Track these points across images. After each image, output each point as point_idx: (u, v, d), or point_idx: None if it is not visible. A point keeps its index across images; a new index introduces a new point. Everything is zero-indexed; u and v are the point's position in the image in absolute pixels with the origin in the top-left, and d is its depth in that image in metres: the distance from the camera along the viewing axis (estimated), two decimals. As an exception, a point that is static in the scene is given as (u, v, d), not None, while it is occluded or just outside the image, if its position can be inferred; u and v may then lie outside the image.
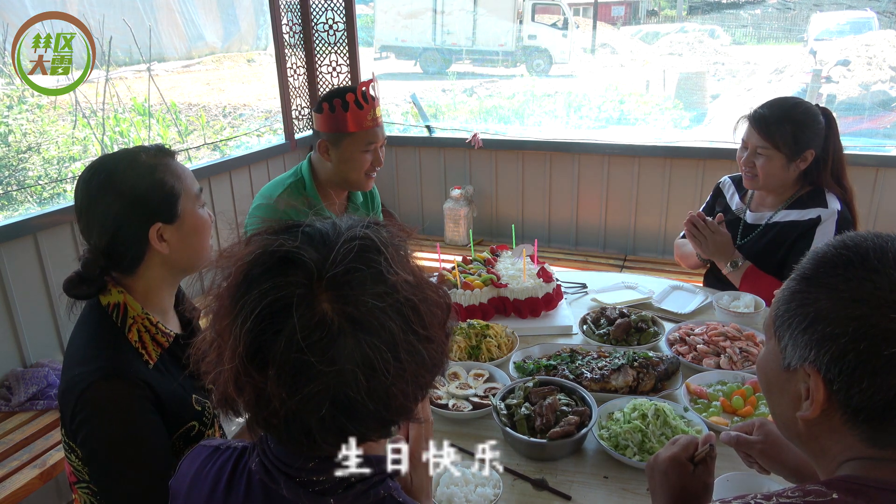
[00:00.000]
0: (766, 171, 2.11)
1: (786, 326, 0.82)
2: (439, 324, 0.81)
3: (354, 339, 0.72)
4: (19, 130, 4.23)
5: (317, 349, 0.71)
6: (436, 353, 0.80)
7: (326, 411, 0.72)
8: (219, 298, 0.78)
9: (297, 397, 0.72)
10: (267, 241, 0.78)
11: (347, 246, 0.75)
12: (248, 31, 6.68)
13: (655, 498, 1.13)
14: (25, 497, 2.15)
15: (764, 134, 2.08)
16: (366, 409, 0.73)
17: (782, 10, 9.22)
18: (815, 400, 0.78)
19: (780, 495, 0.77)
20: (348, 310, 0.72)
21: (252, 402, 0.75)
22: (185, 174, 1.36)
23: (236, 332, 0.73)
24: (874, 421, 0.76)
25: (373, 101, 2.14)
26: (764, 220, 2.23)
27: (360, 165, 2.18)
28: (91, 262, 1.29)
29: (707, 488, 1.11)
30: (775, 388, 0.87)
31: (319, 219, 0.83)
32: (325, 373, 0.71)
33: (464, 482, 1.29)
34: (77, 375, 1.22)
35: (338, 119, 2.12)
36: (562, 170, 4.00)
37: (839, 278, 0.77)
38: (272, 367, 0.72)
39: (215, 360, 0.78)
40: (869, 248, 0.77)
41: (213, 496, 0.86)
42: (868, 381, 0.74)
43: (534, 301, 2.08)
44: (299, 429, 0.74)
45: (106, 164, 1.31)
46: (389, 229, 0.83)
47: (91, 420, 1.21)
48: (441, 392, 1.65)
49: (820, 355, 0.77)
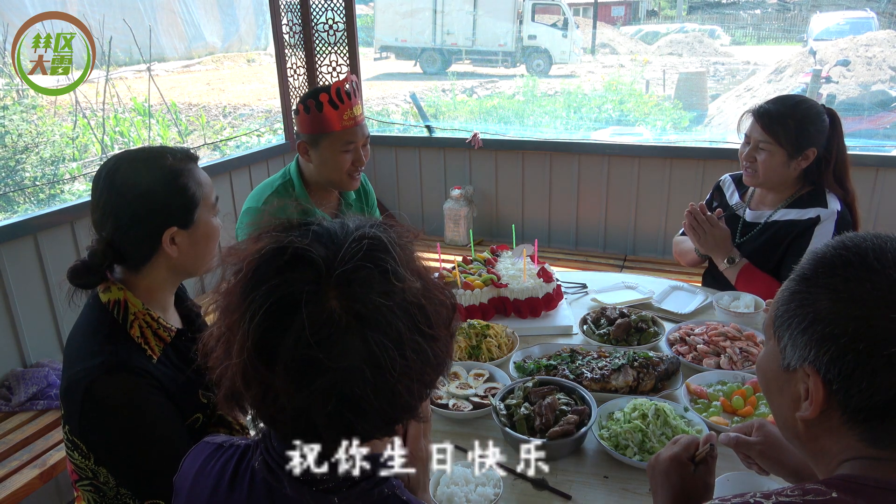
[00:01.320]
0: (766, 166, 2.10)
1: (785, 327, 0.82)
2: (444, 323, 0.82)
3: (362, 337, 0.72)
4: (16, 131, 4.23)
5: (324, 346, 0.71)
6: (441, 352, 0.80)
7: (333, 407, 0.72)
8: (228, 294, 0.79)
9: (304, 393, 0.72)
10: (277, 237, 0.78)
11: (356, 244, 0.76)
12: (248, 31, 6.68)
13: (656, 498, 1.13)
14: (25, 497, 2.15)
15: (766, 128, 2.07)
16: (371, 406, 0.74)
17: (782, 10, 9.22)
18: (815, 400, 0.78)
19: (780, 494, 0.77)
20: (356, 307, 0.73)
21: (259, 398, 0.75)
22: (205, 182, 1.37)
23: (245, 326, 0.74)
24: (873, 421, 0.76)
25: (350, 100, 2.09)
26: (763, 218, 2.23)
27: (341, 165, 2.14)
28: (98, 254, 1.29)
29: (708, 488, 1.11)
30: (775, 388, 0.87)
31: (326, 219, 0.84)
32: (333, 369, 0.71)
33: (464, 482, 1.29)
34: (79, 372, 1.22)
35: (313, 120, 2.09)
36: (562, 170, 4.01)
37: (838, 279, 0.77)
38: (280, 363, 0.72)
39: (223, 355, 0.79)
40: (868, 249, 0.77)
41: (216, 494, 0.85)
42: (867, 381, 0.74)
43: (534, 301, 2.08)
44: (305, 425, 0.75)
45: (132, 160, 1.32)
46: (397, 229, 0.83)
47: (102, 418, 1.21)
48: (441, 392, 1.65)
49: (819, 356, 0.77)
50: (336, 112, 2.07)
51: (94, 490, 1.32)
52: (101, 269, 1.30)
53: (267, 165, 3.99)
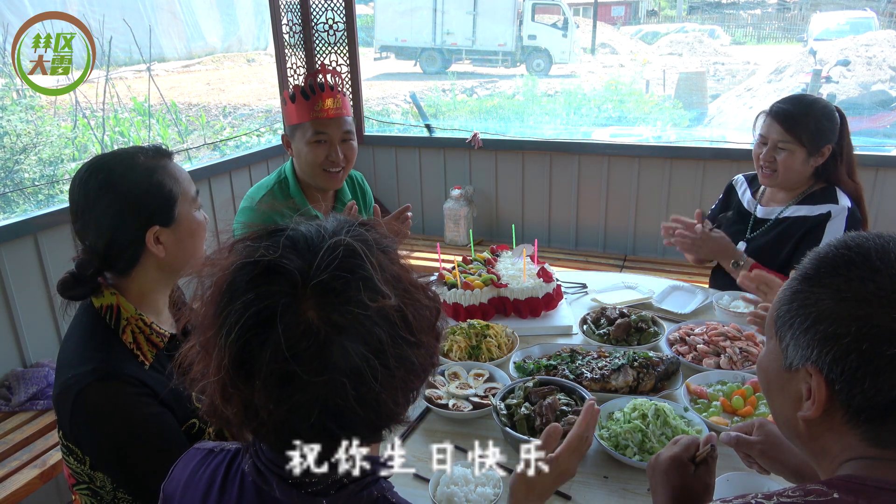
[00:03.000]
0: (786, 165, 2.13)
1: (787, 326, 0.81)
2: (428, 327, 0.80)
3: (341, 348, 0.71)
4: (14, 132, 4.23)
5: (303, 359, 0.70)
6: (424, 359, 0.79)
7: (315, 419, 0.72)
8: (202, 310, 0.77)
9: (285, 407, 0.71)
10: (249, 249, 0.76)
11: (332, 253, 0.74)
12: (248, 31, 6.68)
13: (656, 498, 1.13)
14: (25, 497, 2.15)
15: (787, 128, 2.11)
16: (356, 416, 0.73)
17: (782, 10, 9.22)
18: (817, 400, 0.78)
19: (781, 495, 0.77)
20: (334, 317, 0.71)
21: (240, 413, 0.75)
22: (182, 176, 1.35)
23: (221, 343, 0.72)
24: (876, 421, 0.76)
25: (325, 92, 2.02)
26: (774, 214, 2.24)
27: (313, 159, 2.08)
28: (86, 263, 1.28)
29: (708, 488, 1.11)
30: (776, 388, 0.87)
31: (304, 221, 0.81)
32: (313, 382, 0.70)
33: (464, 482, 1.29)
34: (70, 379, 1.21)
35: (289, 111, 2.07)
36: (562, 170, 4.00)
37: (841, 278, 0.77)
38: (258, 378, 0.71)
39: (202, 371, 0.78)
40: (871, 248, 0.77)
41: (207, 499, 0.85)
42: (870, 381, 0.74)
43: (534, 301, 2.08)
44: (289, 436, 0.74)
45: (103, 164, 1.29)
46: (377, 231, 0.81)
47: (91, 425, 1.21)
48: (441, 392, 1.64)
49: (822, 355, 0.77)
50: (307, 102, 2.02)
51: (91, 494, 1.32)
52: (91, 279, 1.29)
53: (267, 165, 3.99)
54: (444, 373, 1.72)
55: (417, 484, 1.36)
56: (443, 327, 0.85)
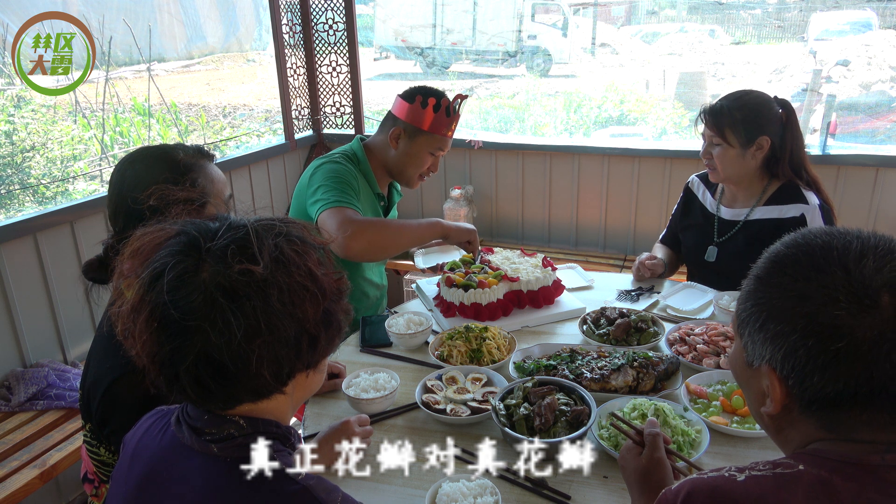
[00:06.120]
0: (722, 161, 2.15)
1: (745, 325, 0.85)
2: (311, 308, 0.90)
3: (219, 306, 0.84)
4: (24, 129, 4.23)
5: (183, 307, 0.84)
6: (300, 334, 0.89)
7: (191, 363, 0.85)
8: (130, 269, 0.93)
9: (168, 347, 0.86)
10: (164, 227, 0.93)
11: (235, 231, 0.89)
12: (248, 31, 6.68)
13: (631, 491, 1.20)
14: (25, 497, 2.15)
15: (714, 123, 2.13)
16: (226, 369, 0.86)
17: (782, 10, 9.21)
18: (773, 398, 0.83)
19: (753, 469, 0.81)
20: (219, 280, 0.84)
21: (149, 361, 0.89)
22: (218, 178, 1.39)
23: (140, 294, 0.88)
24: (826, 410, 0.80)
25: (456, 116, 2.27)
26: (741, 216, 2.24)
27: (422, 164, 2.31)
28: (113, 248, 1.30)
29: (661, 462, 1.17)
30: (744, 384, 0.92)
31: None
32: (190, 328, 0.84)
33: (461, 497, 1.25)
34: (107, 369, 1.25)
35: (427, 115, 2.21)
36: (562, 170, 4.00)
37: (788, 277, 0.81)
38: (155, 320, 0.86)
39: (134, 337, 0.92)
40: (816, 247, 0.80)
41: (150, 443, 1.01)
42: (818, 375, 0.77)
43: (546, 289, 2.17)
44: (171, 378, 0.88)
45: (144, 156, 1.34)
46: (298, 230, 0.94)
47: (115, 414, 1.23)
48: (439, 396, 1.64)
49: (774, 353, 0.80)
50: (447, 119, 2.24)
51: None
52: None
53: (267, 165, 4.00)
54: (442, 377, 1.72)
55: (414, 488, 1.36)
56: (341, 315, 0.97)
